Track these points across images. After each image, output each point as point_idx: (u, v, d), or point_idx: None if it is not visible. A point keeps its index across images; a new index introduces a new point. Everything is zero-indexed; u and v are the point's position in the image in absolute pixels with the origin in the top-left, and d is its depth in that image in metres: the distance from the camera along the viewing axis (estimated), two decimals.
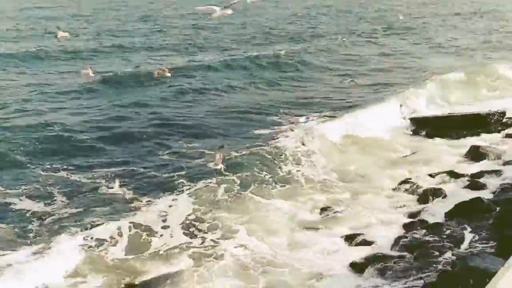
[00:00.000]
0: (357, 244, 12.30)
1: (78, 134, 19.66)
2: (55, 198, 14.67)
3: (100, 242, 12.17)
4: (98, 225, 12.86)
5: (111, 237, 12.39)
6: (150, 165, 16.95)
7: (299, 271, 11.30)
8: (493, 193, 14.18)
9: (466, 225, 12.20)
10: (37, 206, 14.14)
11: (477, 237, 11.48)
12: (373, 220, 13.46)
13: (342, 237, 12.67)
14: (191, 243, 12.38)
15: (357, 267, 11.31)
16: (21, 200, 14.52)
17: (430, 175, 16.02)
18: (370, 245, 12.19)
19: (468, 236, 11.67)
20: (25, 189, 15.10)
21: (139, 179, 15.95)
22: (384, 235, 12.60)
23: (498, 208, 12.72)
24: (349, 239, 12.55)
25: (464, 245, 11.29)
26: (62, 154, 17.83)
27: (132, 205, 14.22)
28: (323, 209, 14.10)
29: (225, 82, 28.28)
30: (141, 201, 14.39)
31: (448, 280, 9.04)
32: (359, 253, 11.87)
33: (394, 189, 15.29)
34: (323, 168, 16.75)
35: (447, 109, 23.15)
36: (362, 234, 12.66)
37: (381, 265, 11.05)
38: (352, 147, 18.51)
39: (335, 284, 10.90)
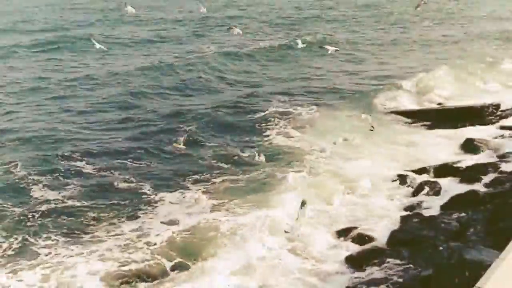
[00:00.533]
0: (353, 238, 12.37)
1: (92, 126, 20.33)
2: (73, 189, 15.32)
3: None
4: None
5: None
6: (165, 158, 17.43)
7: (294, 263, 11.42)
8: (488, 185, 14.22)
9: (461, 218, 12.26)
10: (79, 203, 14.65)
11: (472, 230, 11.52)
12: (369, 213, 13.53)
13: (338, 230, 12.76)
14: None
15: (353, 261, 11.40)
16: (41, 189, 15.17)
17: (425, 168, 16.06)
18: (366, 238, 12.25)
19: (464, 228, 11.72)
20: (46, 179, 15.72)
21: (148, 172, 16.47)
22: (380, 229, 12.68)
23: (493, 201, 12.78)
24: (345, 232, 12.62)
25: (460, 238, 11.33)
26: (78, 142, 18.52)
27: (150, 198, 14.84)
28: (320, 202, 14.16)
29: (240, 73, 28.35)
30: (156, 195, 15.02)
31: (444, 272, 9.12)
32: (355, 247, 12.00)
33: (389, 182, 15.33)
34: (322, 161, 16.87)
35: (443, 102, 23.18)
36: (358, 227, 12.73)
37: (377, 258, 11.13)
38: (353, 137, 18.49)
39: (331, 278, 10.98)
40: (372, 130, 15.15)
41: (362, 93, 23.94)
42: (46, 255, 12.06)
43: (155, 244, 12.39)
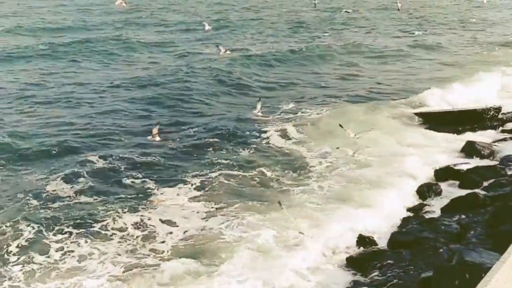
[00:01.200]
0: (353, 240, 12.36)
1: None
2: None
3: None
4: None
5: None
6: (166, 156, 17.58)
7: (295, 264, 11.39)
8: (489, 188, 14.20)
9: (462, 220, 12.27)
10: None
11: (472, 232, 11.53)
12: (369, 215, 13.53)
13: (338, 232, 12.70)
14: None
15: (354, 262, 11.40)
16: (51, 184, 15.28)
17: (426, 170, 16.08)
18: (366, 240, 12.24)
19: (464, 231, 11.72)
20: (57, 175, 15.82)
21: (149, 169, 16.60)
22: (380, 230, 12.72)
23: (493, 203, 12.80)
24: (345, 234, 12.55)
25: (460, 240, 11.34)
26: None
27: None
28: (321, 203, 14.14)
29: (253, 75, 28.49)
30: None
31: (444, 275, 9.11)
32: (355, 249, 12.01)
33: (389, 184, 15.30)
34: (323, 161, 16.91)
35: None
36: (358, 229, 12.72)
37: (377, 260, 11.12)
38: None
39: (331, 279, 10.98)
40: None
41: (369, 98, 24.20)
42: (57, 251, 12.16)
43: (160, 246, 12.40)
